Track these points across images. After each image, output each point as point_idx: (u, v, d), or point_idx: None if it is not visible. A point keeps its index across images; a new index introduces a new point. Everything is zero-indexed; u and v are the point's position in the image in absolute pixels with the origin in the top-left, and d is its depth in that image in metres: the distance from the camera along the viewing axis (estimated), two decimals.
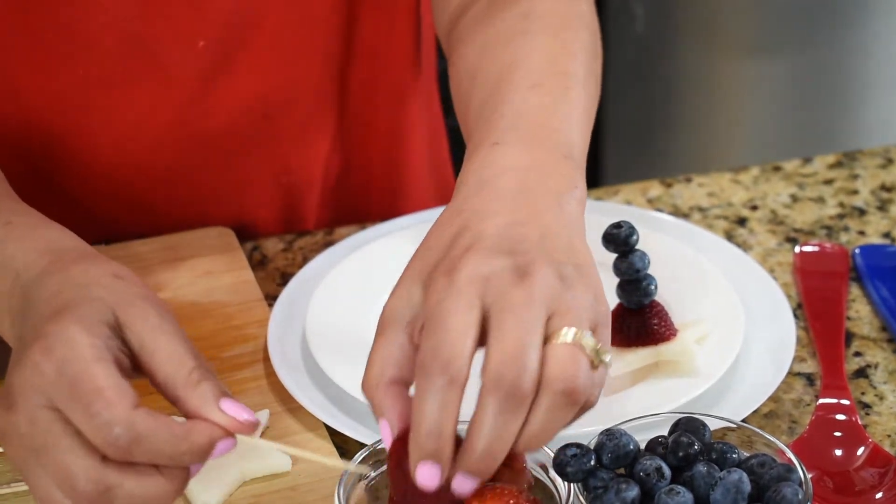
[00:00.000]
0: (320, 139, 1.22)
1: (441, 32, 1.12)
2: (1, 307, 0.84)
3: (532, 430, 0.75)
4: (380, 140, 1.27)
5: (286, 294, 1.09)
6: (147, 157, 1.15)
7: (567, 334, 0.75)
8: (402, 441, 0.77)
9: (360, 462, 0.83)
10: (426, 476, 0.75)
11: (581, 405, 0.76)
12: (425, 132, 1.32)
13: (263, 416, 0.97)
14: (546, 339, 0.75)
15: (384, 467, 0.83)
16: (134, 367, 0.80)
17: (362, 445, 0.96)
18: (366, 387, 0.78)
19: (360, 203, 1.28)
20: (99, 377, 0.76)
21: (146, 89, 1.12)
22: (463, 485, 0.75)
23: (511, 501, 0.79)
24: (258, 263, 1.17)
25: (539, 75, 0.94)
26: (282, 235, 1.22)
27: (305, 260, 1.17)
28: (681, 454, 0.82)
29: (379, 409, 0.78)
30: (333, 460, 0.85)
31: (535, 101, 0.91)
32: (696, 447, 0.83)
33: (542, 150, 0.87)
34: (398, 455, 0.77)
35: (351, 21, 1.17)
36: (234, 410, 0.78)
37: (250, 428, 0.78)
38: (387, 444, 0.78)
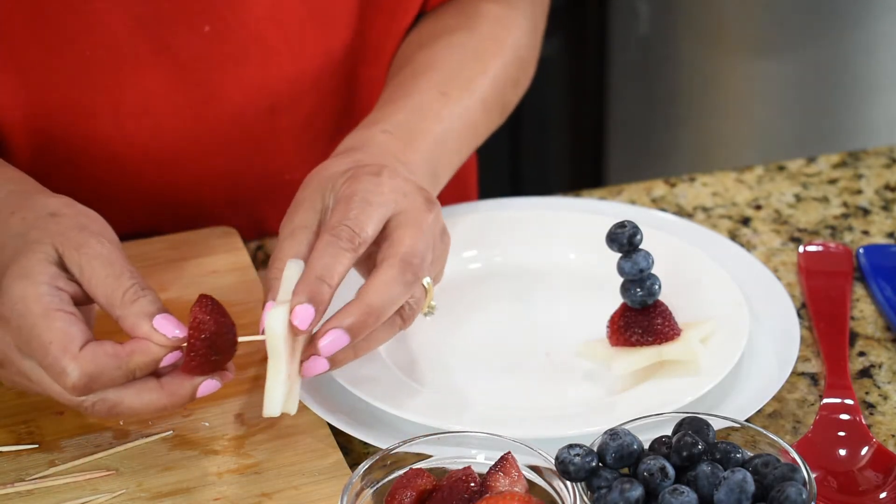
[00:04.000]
0: (325, 136, 1.22)
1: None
2: None
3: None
4: None
5: None
6: (151, 141, 1.15)
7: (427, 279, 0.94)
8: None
9: (366, 470, 0.84)
10: (302, 315, 0.87)
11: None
12: None
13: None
14: None
15: (395, 474, 0.84)
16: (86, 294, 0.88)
17: (366, 445, 0.96)
18: (269, 280, 0.91)
19: None
20: (45, 331, 0.85)
21: (152, 71, 1.12)
22: (330, 338, 0.89)
23: None
24: (262, 262, 1.17)
25: (449, 85, 1.09)
26: None
27: None
28: (685, 454, 0.82)
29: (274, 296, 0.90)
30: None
31: (435, 108, 1.07)
32: (700, 447, 0.83)
33: (417, 156, 1.03)
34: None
35: (359, 18, 1.17)
36: (164, 327, 0.86)
37: (180, 342, 0.86)
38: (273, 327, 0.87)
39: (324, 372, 0.91)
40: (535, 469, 0.84)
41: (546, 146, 2.38)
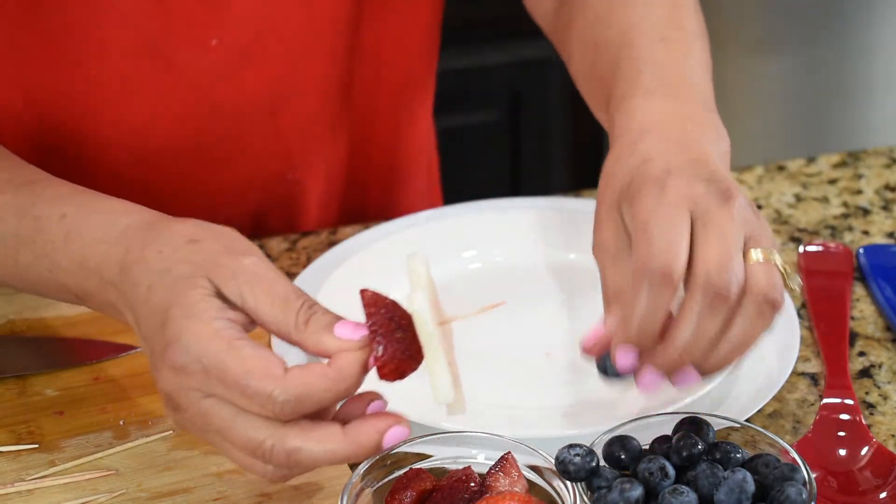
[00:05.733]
0: (325, 137, 1.22)
1: (543, 15, 1.18)
2: (100, 301, 0.89)
3: (736, 334, 0.84)
4: (382, 139, 1.27)
5: None
6: (156, 155, 1.15)
7: (759, 254, 0.84)
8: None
9: (366, 470, 0.84)
10: (624, 358, 0.84)
11: (750, 304, 0.84)
12: (424, 132, 1.33)
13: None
14: (742, 257, 0.84)
15: (392, 475, 0.84)
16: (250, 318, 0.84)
17: None
18: (610, 306, 0.87)
19: (358, 201, 1.28)
20: (238, 363, 0.80)
21: (157, 88, 1.12)
22: (648, 378, 0.85)
23: None
24: None
25: (663, 31, 1.01)
26: (286, 235, 1.22)
27: (309, 259, 1.17)
28: (685, 454, 0.82)
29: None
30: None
31: (666, 55, 0.99)
32: (700, 447, 0.83)
33: (689, 103, 0.95)
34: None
35: (358, 20, 1.17)
36: (346, 332, 0.81)
37: (367, 338, 0.81)
38: (623, 366, 0.86)
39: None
40: (535, 469, 0.84)
41: (546, 146, 2.38)
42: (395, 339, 0.82)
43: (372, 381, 0.83)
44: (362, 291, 0.83)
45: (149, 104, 1.13)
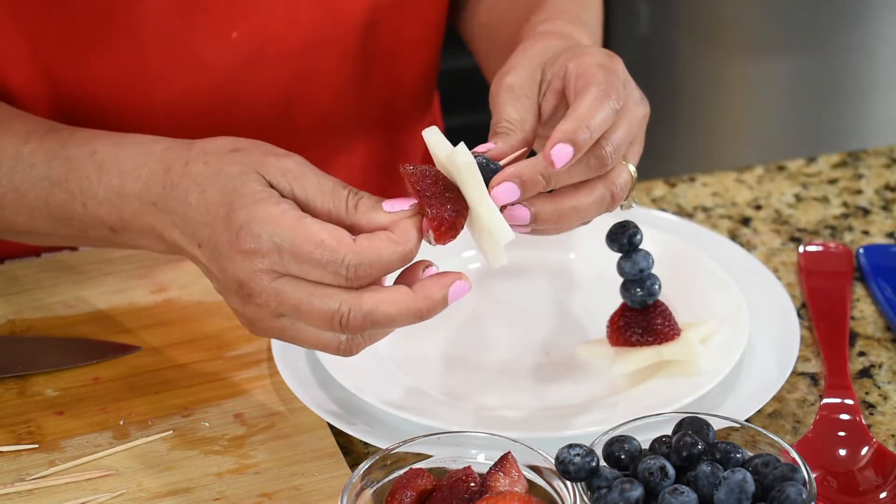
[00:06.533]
0: (339, 134, 1.23)
1: (469, 34, 1.25)
2: (139, 227, 0.93)
3: (579, 200, 0.91)
4: (397, 138, 1.27)
5: None
6: None
7: (631, 163, 0.94)
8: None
9: (366, 470, 0.84)
10: (560, 155, 0.87)
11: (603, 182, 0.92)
12: (429, 119, 1.33)
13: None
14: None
15: (395, 474, 0.84)
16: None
17: (366, 445, 0.96)
18: (495, 135, 0.92)
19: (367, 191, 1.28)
20: (309, 234, 0.84)
21: (178, 78, 1.12)
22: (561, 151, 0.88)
23: None
24: None
25: None
26: None
27: None
28: (685, 454, 0.82)
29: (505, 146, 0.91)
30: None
31: (581, 11, 1.09)
32: (699, 447, 0.83)
33: (584, 33, 1.04)
34: None
35: (374, 20, 1.18)
36: (396, 205, 0.87)
37: (414, 209, 0.87)
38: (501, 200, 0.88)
39: (521, 214, 0.90)
40: (535, 469, 0.84)
41: None
42: (445, 198, 0.86)
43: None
44: (402, 166, 0.87)
45: (170, 93, 1.13)
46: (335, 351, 0.86)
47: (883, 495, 0.91)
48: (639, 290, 0.99)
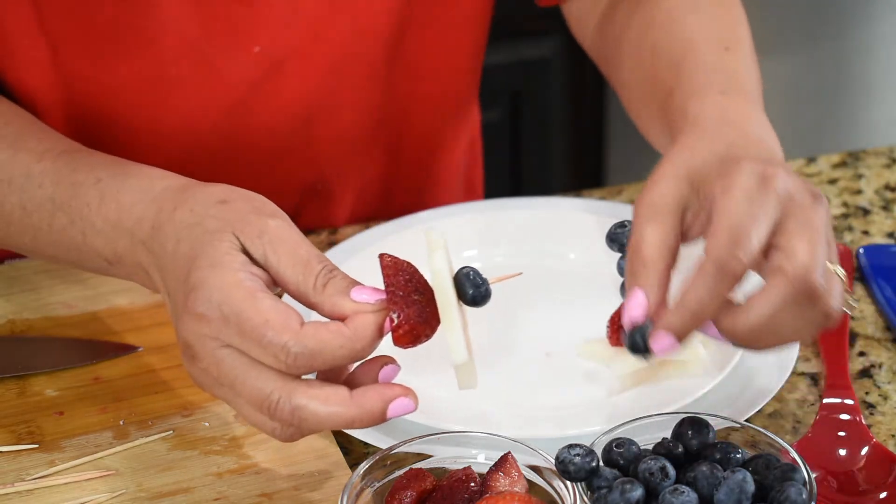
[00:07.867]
0: (359, 150, 1.22)
1: (587, 34, 1.21)
2: (131, 263, 0.91)
3: (795, 328, 0.83)
4: (417, 155, 1.27)
5: None
6: (186, 158, 1.15)
7: (831, 265, 0.83)
8: None
9: (366, 470, 0.84)
10: (664, 340, 0.82)
11: (817, 307, 0.82)
12: (464, 138, 1.32)
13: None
14: None
15: (395, 474, 0.84)
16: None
17: (366, 445, 0.96)
18: (635, 264, 0.85)
19: (390, 216, 1.27)
20: (257, 313, 0.81)
21: (198, 90, 1.12)
22: (660, 339, 0.82)
23: None
24: None
25: (725, 40, 1.04)
26: None
27: None
28: (685, 454, 0.82)
29: (645, 284, 0.84)
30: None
31: (733, 63, 1.02)
32: (700, 447, 0.83)
33: (757, 106, 0.98)
34: None
35: (400, 37, 1.17)
36: (364, 296, 0.83)
37: (384, 303, 0.82)
38: (633, 315, 0.83)
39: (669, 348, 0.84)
40: (535, 469, 0.84)
41: (547, 146, 2.38)
42: (411, 300, 0.82)
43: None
44: (381, 256, 0.84)
45: (188, 105, 1.13)
46: (270, 434, 0.83)
47: (883, 495, 0.91)
48: None
